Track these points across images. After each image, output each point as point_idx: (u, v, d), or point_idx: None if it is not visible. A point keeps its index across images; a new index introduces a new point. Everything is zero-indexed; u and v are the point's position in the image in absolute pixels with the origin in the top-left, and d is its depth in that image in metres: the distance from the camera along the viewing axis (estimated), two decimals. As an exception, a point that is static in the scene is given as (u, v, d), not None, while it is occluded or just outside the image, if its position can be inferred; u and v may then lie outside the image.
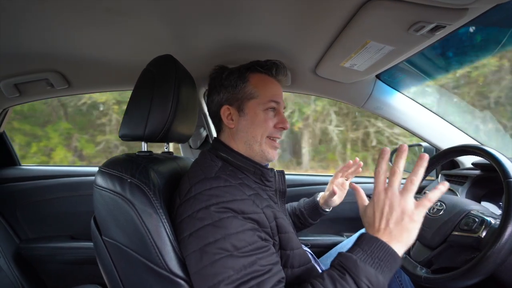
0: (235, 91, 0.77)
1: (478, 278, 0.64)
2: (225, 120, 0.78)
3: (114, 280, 0.69)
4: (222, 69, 0.81)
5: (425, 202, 0.55)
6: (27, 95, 1.27)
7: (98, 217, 0.71)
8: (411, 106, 1.22)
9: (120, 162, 0.70)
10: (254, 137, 0.76)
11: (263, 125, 0.76)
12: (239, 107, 0.77)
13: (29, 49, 0.99)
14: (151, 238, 0.62)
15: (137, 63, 0.87)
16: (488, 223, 0.68)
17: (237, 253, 0.56)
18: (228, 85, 0.78)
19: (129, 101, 0.76)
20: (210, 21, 0.82)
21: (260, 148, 0.76)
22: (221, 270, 0.55)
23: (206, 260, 0.57)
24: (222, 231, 0.58)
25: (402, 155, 0.56)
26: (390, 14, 0.65)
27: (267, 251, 0.60)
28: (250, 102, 0.77)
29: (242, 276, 0.55)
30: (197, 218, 0.60)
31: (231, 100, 0.78)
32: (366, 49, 0.82)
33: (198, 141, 1.42)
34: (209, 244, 0.57)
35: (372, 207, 0.57)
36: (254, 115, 0.76)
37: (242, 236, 0.58)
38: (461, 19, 0.63)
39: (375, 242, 0.53)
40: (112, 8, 0.75)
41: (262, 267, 0.57)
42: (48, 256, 1.38)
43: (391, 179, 0.56)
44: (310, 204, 1.05)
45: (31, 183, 1.46)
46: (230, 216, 0.60)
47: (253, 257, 0.57)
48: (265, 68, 0.79)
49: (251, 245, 0.58)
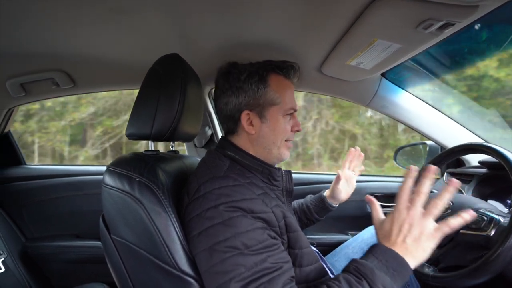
0: (256, 96, 0.74)
1: (486, 276, 0.64)
2: (246, 125, 0.75)
3: (123, 278, 0.70)
4: (238, 69, 0.77)
5: (444, 228, 0.56)
6: (33, 95, 1.27)
7: (106, 216, 0.72)
8: (417, 104, 1.22)
9: (128, 161, 0.70)
10: (274, 143, 0.76)
11: (284, 131, 0.77)
12: (261, 113, 0.75)
13: (34, 49, 0.99)
14: (161, 236, 0.62)
15: (142, 62, 0.87)
16: (497, 221, 0.68)
17: (248, 251, 0.57)
18: (249, 89, 0.74)
19: (136, 100, 0.76)
20: (216, 20, 0.82)
21: (278, 152, 0.77)
22: (232, 267, 0.55)
23: (216, 258, 0.57)
24: (232, 229, 0.58)
25: (429, 176, 0.57)
26: (399, 12, 0.65)
27: (277, 249, 0.61)
28: (272, 108, 0.75)
29: (253, 274, 0.55)
30: (206, 217, 0.60)
31: (252, 105, 0.75)
32: (373, 47, 0.81)
33: (203, 140, 1.42)
34: (219, 243, 0.57)
35: (391, 222, 0.58)
36: (275, 121, 0.76)
37: (252, 234, 0.58)
38: (471, 16, 0.63)
39: (391, 253, 0.55)
40: (117, 7, 0.75)
41: (273, 265, 0.57)
42: (54, 254, 1.39)
43: (415, 199, 0.57)
44: (316, 199, 1.05)
45: (36, 182, 1.47)
46: (240, 215, 0.60)
47: (263, 254, 0.57)
48: (284, 70, 0.78)
49: (261, 243, 0.58)
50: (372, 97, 1.20)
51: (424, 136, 1.27)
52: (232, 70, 0.77)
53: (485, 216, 0.71)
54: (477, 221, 0.71)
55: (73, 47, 0.99)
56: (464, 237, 0.73)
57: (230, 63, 0.80)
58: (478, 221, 0.71)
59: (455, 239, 0.75)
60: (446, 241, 0.76)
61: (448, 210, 0.81)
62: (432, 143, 1.31)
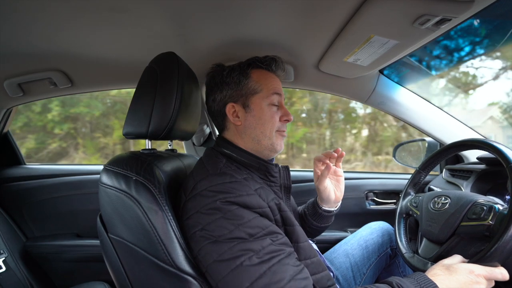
0: (238, 87, 0.77)
1: None
2: (231, 118, 0.77)
3: (121, 277, 0.70)
4: (221, 67, 0.81)
5: None
6: (31, 95, 1.27)
7: (104, 215, 0.72)
8: (415, 100, 1.21)
9: (125, 160, 0.70)
10: (263, 133, 0.77)
11: (270, 120, 0.77)
12: (244, 103, 0.77)
13: (32, 49, 0.99)
14: (157, 235, 0.62)
15: (140, 61, 0.86)
16: (497, 210, 0.67)
17: (252, 239, 0.58)
18: (231, 82, 0.77)
19: (133, 99, 0.76)
20: (213, 18, 0.82)
21: (270, 142, 0.77)
22: (240, 253, 0.57)
23: (223, 248, 0.58)
24: (234, 221, 0.59)
25: None
26: (395, 8, 0.65)
27: (280, 234, 0.63)
28: (254, 97, 0.77)
29: (262, 256, 0.57)
30: (206, 213, 0.61)
31: (235, 97, 0.77)
32: (370, 43, 0.81)
33: (201, 138, 1.42)
34: (224, 235, 0.58)
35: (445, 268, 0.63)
36: (260, 110, 0.77)
37: (254, 222, 0.60)
38: (467, 12, 0.62)
39: (430, 283, 0.60)
40: (115, 6, 0.75)
41: (279, 247, 0.60)
42: (54, 254, 1.40)
43: None
44: (309, 204, 0.99)
45: (36, 182, 1.47)
46: (239, 207, 0.61)
47: (268, 239, 0.60)
48: (265, 63, 0.80)
49: (264, 230, 0.60)
50: (370, 94, 1.20)
51: (423, 133, 1.26)
52: (217, 69, 0.81)
53: (484, 206, 0.70)
54: (477, 211, 0.70)
55: (71, 47, 0.99)
56: (465, 229, 0.72)
57: (216, 64, 0.83)
58: (477, 211, 0.70)
59: (457, 232, 0.74)
60: (448, 236, 0.76)
61: (446, 205, 0.80)
62: (431, 140, 1.31)
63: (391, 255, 1.04)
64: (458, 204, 0.76)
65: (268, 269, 0.56)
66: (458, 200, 0.77)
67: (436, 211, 0.81)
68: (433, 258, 0.78)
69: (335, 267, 1.00)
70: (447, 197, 0.82)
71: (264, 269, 0.56)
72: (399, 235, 0.93)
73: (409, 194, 0.99)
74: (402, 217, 0.96)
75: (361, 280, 0.97)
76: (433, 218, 0.81)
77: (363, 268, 0.99)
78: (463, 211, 0.74)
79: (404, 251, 0.88)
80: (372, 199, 1.42)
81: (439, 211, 0.80)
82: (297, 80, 1.19)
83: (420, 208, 0.88)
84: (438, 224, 0.78)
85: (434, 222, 0.80)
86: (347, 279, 0.97)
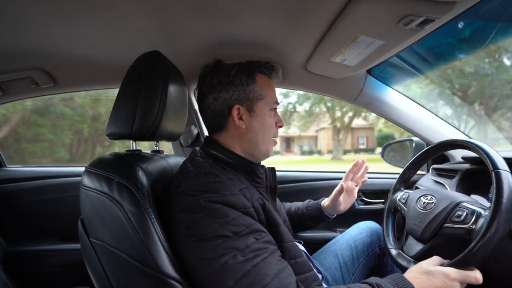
0: (246, 90, 0.77)
1: None
2: (237, 120, 0.77)
3: (103, 282, 0.68)
4: (226, 65, 0.79)
5: None
6: (11, 94, 1.23)
7: (85, 219, 0.70)
8: (402, 101, 1.23)
9: (107, 162, 0.68)
10: (263, 138, 0.79)
11: (271, 127, 0.81)
12: (250, 107, 0.77)
13: (11, 47, 0.95)
14: (140, 238, 0.60)
15: (125, 61, 0.84)
16: (479, 214, 0.69)
17: (237, 237, 0.58)
18: (239, 84, 0.77)
19: (116, 99, 0.74)
20: (199, 18, 0.80)
21: (266, 148, 0.80)
22: (225, 251, 0.56)
23: (207, 246, 0.57)
24: (218, 220, 0.59)
25: None
26: (379, 8, 0.65)
27: (264, 232, 0.63)
28: (260, 102, 0.78)
29: (246, 254, 0.57)
30: (190, 211, 0.61)
31: (242, 99, 0.77)
32: (356, 43, 0.81)
33: (189, 139, 1.40)
34: (208, 233, 0.58)
35: (423, 271, 0.65)
36: (263, 116, 0.79)
37: (238, 220, 0.60)
38: (450, 12, 0.63)
39: (408, 284, 0.62)
40: (98, 4, 0.73)
41: (263, 245, 0.60)
42: (37, 258, 1.35)
43: None
44: (314, 207, 1.06)
45: (17, 185, 1.42)
46: (223, 206, 0.61)
47: (251, 238, 0.59)
48: (268, 71, 0.82)
49: (249, 228, 0.60)
50: (358, 94, 1.20)
51: (410, 133, 1.28)
52: (221, 66, 0.79)
53: (467, 210, 0.72)
54: (460, 214, 0.72)
55: (53, 45, 0.96)
56: (448, 230, 0.74)
57: (216, 60, 0.82)
58: (460, 214, 0.72)
59: (439, 233, 0.76)
60: (431, 236, 0.77)
61: (432, 205, 0.81)
62: (418, 140, 1.33)
63: (380, 254, 1.05)
64: (443, 205, 0.78)
65: (252, 267, 0.56)
66: (443, 201, 0.79)
67: (421, 210, 0.82)
68: (416, 256, 0.80)
69: (324, 267, 0.99)
70: (432, 196, 0.83)
71: (249, 267, 0.56)
72: (386, 230, 0.95)
73: (398, 190, 1.00)
74: (391, 212, 0.98)
75: (350, 280, 0.97)
76: (418, 216, 0.82)
77: (352, 268, 0.99)
78: (448, 212, 0.75)
79: (390, 246, 0.89)
80: (361, 198, 1.43)
81: (425, 211, 0.82)
82: (285, 80, 1.18)
83: (408, 205, 0.89)
84: (422, 223, 0.80)
85: (419, 221, 0.81)
86: (336, 279, 0.97)
